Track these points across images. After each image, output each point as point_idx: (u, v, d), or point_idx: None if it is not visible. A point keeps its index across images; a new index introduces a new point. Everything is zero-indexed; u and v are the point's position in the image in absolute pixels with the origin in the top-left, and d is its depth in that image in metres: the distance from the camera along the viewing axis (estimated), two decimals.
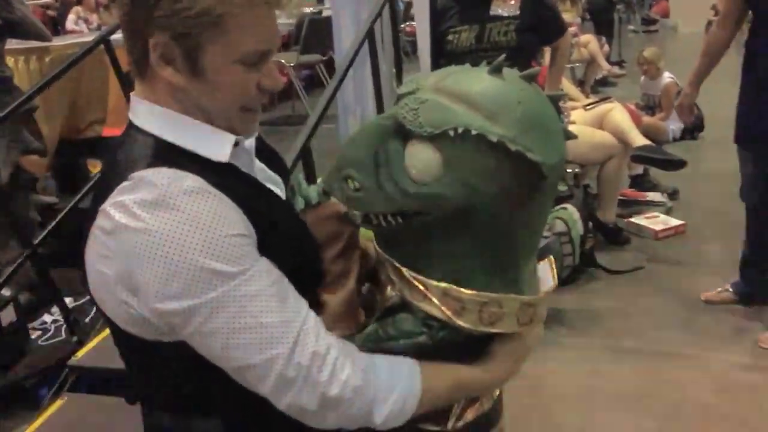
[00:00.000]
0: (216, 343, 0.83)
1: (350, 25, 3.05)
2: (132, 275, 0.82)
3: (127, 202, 0.82)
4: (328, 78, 6.67)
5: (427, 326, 0.90)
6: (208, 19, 0.82)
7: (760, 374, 2.41)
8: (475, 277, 0.88)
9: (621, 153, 3.44)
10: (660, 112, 5.38)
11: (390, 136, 0.84)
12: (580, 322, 2.85)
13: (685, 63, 7.82)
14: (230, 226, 0.83)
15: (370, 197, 0.86)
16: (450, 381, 0.94)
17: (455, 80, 0.85)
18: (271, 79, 0.90)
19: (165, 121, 0.89)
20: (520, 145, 0.79)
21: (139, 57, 0.87)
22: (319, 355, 0.84)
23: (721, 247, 3.36)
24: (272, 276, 0.86)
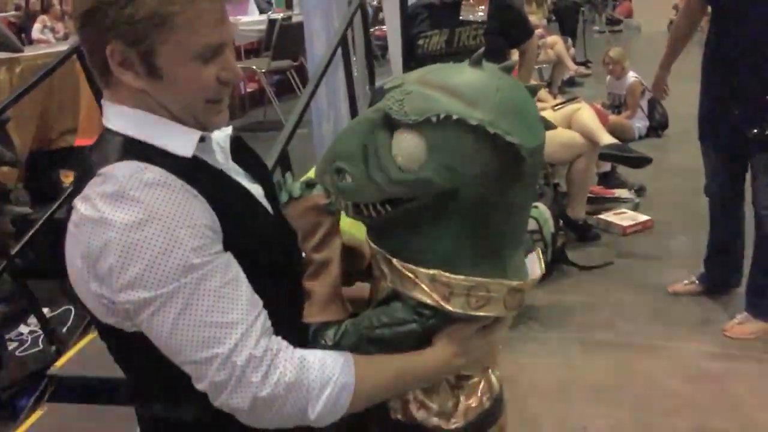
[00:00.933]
0: (161, 334, 0.86)
1: (321, 30, 3.09)
2: (96, 265, 0.85)
3: (91, 195, 0.86)
4: (300, 83, 6.71)
5: (418, 314, 0.94)
6: (154, 22, 0.86)
7: (725, 362, 2.49)
8: (463, 263, 0.91)
9: (589, 152, 3.52)
10: (626, 110, 5.52)
11: (378, 129, 0.89)
12: (553, 316, 2.92)
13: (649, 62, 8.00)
14: (190, 218, 0.86)
15: (360, 187, 0.90)
16: (389, 371, 0.96)
17: (438, 74, 0.90)
18: (229, 70, 0.93)
19: (133, 121, 0.93)
20: (499, 128, 0.83)
21: (100, 67, 0.91)
22: (255, 357, 0.87)
23: (687, 241, 3.46)
24: (228, 275, 0.88)
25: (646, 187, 4.31)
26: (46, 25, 8.08)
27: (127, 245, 0.83)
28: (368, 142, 0.90)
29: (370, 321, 0.97)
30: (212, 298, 0.86)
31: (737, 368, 2.45)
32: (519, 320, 2.89)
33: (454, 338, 0.97)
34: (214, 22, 0.90)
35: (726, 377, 2.41)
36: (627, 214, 3.88)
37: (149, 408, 1.01)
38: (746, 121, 2.43)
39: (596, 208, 3.97)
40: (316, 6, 3.05)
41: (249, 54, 6.80)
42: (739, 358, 2.50)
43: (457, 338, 0.97)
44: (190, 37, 0.88)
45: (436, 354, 0.97)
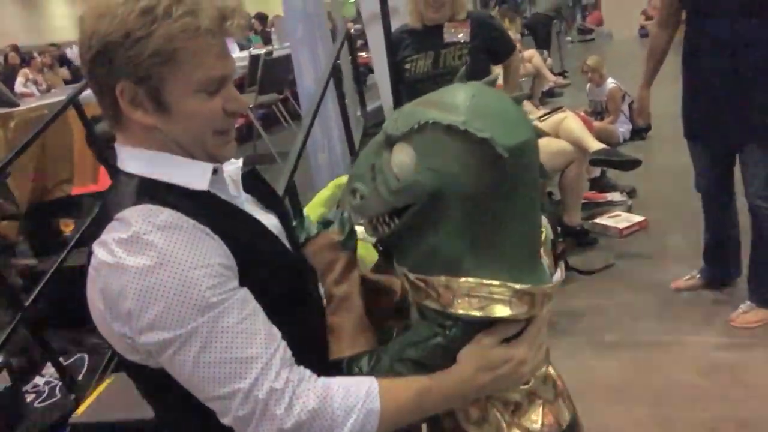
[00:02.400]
0: (183, 373, 0.89)
1: (309, 62, 3.16)
2: (116, 307, 0.88)
3: (107, 241, 0.89)
4: (287, 115, 6.79)
5: (440, 326, 0.96)
6: (161, 58, 0.89)
7: (736, 352, 2.54)
8: (466, 266, 0.94)
9: (579, 158, 3.58)
10: (608, 116, 5.63)
11: (382, 148, 0.97)
12: (562, 322, 2.95)
13: (624, 67, 8.19)
14: (203, 258, 0.88)
15: (369, 203, 0.97)
16: (412, 392, 0.95)
17: (431, 95, 0.98)
18: (235, 101, 0.97)
19: (146, 160, 0.96)
20: (471, 127, 0.88)
21: (110, 107, 0.94)
22: (276, 390, 0.88)
23: (683, 237, 3.53)
24: (246, 310, 0.90)
25: (636, 188, 4.38)
26: (28, 78, 8.13)
27: (143, 289, 0.85)
28: (375, 162, 0.97)
29: (400, 344, 1.00)
30: (231, 335, 0.88)
31: (747, 357, 2.49)
32: None
33: (475, 352, 0.96)
34: (216, 56, 0.93)
35: (738, 366, 2.45)
36: (621, 216, 3.94)
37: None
38: (731, 117, 2.51)
39: (591, 213, 4.04)
40: (302, 39, 3.13)
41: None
42: (748, 347, 2.55)
43: (477, 352, 0.96)
44: (195, 71, 0.92)
45: (459, 370, 0.96)
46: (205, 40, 0.91)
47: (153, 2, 0.89)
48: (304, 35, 3.12)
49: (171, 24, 0.89)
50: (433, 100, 0.95)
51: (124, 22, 0.88)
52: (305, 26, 3.17)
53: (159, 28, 0.88)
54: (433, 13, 2.86)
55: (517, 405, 1.05)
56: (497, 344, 0.96)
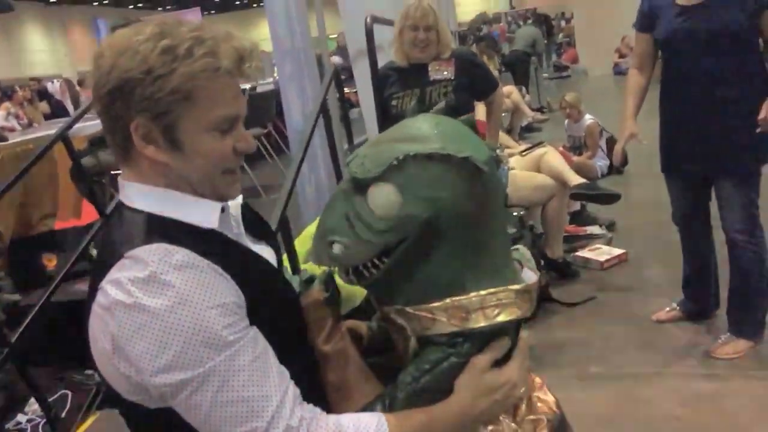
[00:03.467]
0: (200, 414, 0.88)
1: (297, 98, 3.22)
2: (125, 349, 0.87)
3: (122, 280, 0.87)
4: (270, 149, 6.84)
5: (451, 345, 0.99)
6: (180, 96, 0.91)
7: (718, 382, 2.58)
8: (467, 283, 0.98)
9: (560, 192, 3.66)
10: (587, 151, 5.76)
11: (352, 196, 0.99)
12: (546, 354, 2.99)
13: (599, 103, 8.39)
14: (218, 297, 0.88)
15: (354, 251, 0.98)
16: (417, 422, 0.97)
17: (384, 135, 1.04)
18: (245, 141, 0.99)
19: (154, 197, 0.96)
20: (451, 150, 0.94)
21: (121, 141, 0.95)
22: (292, 428, 0.89)
23: (663, 269, 3.60)
24: (258, 348, 0.91)
25: (615, 221, 4.47)
26: (10, 112, 8.10)
27: (162, 329, 0.85)
28: (348, 211, 0.98)
29: (411, 376, 1.00)
30: (247, 373, 0.88)
31: (729, 387, 2.54)
32: None
33: (471, 380, 0.99)
34: (233, 96, 0.96)
35: (720, 397, 2.50)
36: (602, 249, 4.01)
37: None
38: (706, 151, 2.60)
39: (572, 246, 4.10)
40: (291, 75, 3.19)
41: None
42: (729, 377, 2.60)
43: (473, 380, 0.99)
44: (211, 111, 0.93)
45: (458, 399, 0.99)
46: (224, 80, 0.93)
47: (175, 42, 0.90)
48: (292, 71, 3.19)
49: (192, 63, 0.90)
50: (395, 136, 1.00)
51: (145, 60, 0.89)
52: (293, 63, 3.24)
53: (180, 67, 0.90)
54: (419, 53, 2.94)
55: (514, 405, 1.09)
56: (489, 369, 1.00)
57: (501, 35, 13.31)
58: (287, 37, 3.46)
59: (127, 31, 0.94)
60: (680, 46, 2.52)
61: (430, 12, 2.93)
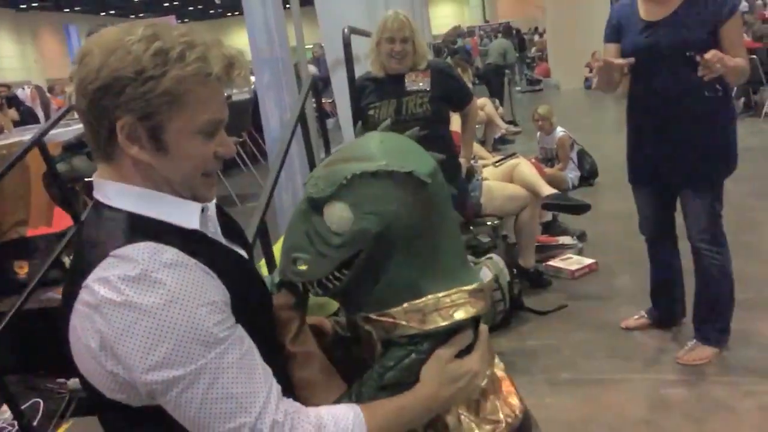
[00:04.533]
0: (189, 411, 0.89)
1: (274, 107, 3.25)
2: (115, 347, 0.87)
3: (111, 278, 0.87)
4: (245, 158, 6.83)
5: (412, 344, 1.05)
6: (169, 98, 0.92)
7: (684, 388, 2.66)
8: (422, 287, 1.06)
9: (532, 203, 3.73)
10: (558, 163, 5.87)
11: (310, 214, 1.05)
12: (519, 361, 3.05)
13: (570, 116, 8.53)
14: (208, 295, 0.90)
15: (316, 265, 1.05)
16: (389, 414, 1.02)
17: (334, 155, 1.10)
18: (226, 146, 1.01)
19: (135, 196, 0.96)
20: (394, 166, 1.01)
21: (105, 140, 0.95)
22: (278, 422, 0.92)
23: (631, 279, 3.69)
24: (244, 345, 0.93)
25: (586, 232, 4.57)
26: None
27: (154, 327, 0.86)
28: (307, 228, 1.05)
29: (377, 372, 1.07)
30: (235, 370, 0.90)
31: (694, 392, 2.61)
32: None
33: (436, 370, 1.05)
34: (219, 102, 0.98)
35: (685, 402, 2.57)
36: (573, 258, 4.10)
37: None
38: (671, 162, 2.68)
39: (544, 256, 4.18)
40: (269, 84, 3.22)
41: None
42: (695, 383, 2.67)
43: (438, 369, 1.05)
44: (199, 115, 0.94)
45: (424, 387, 1.05)
46: (213, 86, 0.95)
47: (168, 45, 0.91)
48: (270, 80, 3.22)
49: (184, 67, 0.91)
50: (344, 156, 1.06)
51: (138, 60, 0.90)
52: (271, 72, 3.27)
53: (172, 70, 0.91)
54: (396, 64, 2.99)
55: (477, 403, 1.14)
56: (453, 359, 1.06)
57: (473, 48, 13.49)
58: (266, 45, 3.49)
59: (117, 31, 0.94)
60: (644, 61, 2.61)
61: (407, 24, 2.99)
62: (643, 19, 2.62)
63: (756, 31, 9.31)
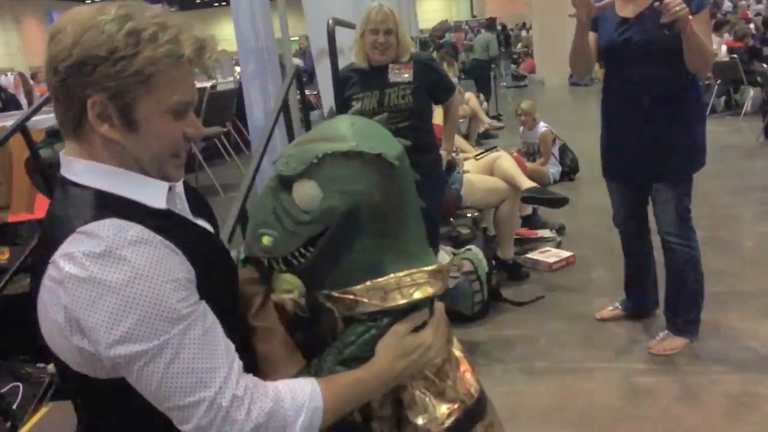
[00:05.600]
0: (151, 384, 0.91)
1: (259, 96, 3.27)
2: (81, 321, 0.89)
3: (75, 254, 0.88)
4: (229, 148, 6.84)
5: (373, 320, 1.09)
6: (140, 78, 0.92)
7: (654, 377, 2.73)
8: (385, 266, 1.09)
9: (512, 196, 3.79)
10: (540, 158, 5.93)
11: (278, 192, 1.08)
12: (495, 350, 3.11)
13: (554, 112, 8.61)
14: (172, 272, 0.91)
15: (282, 242, 1.08)
16: (346, 387, 1.04)
17: (306, 135, 1.14)
18: (194, 127, 1.02)
19: (103, 174, 0.97)
20: (364, 147, 1.05)
21: (74, 117, 0.95)
22: (238, 397, 0.93)
23: (607, 271, 3.77)
24: (207, 322, 0.95)
25: (565, 226, 4.64)
26: None
27: (117, 303, 0.87)
28: (275, 206, 1.07)
29: (337, 348, 1.10)
30: (197, 346, 0.92)
31: (664, 381, 2.69)
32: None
33: (390, 343, 1.08)
34: (189, 84, 0.99)
35: (655, 390, 2.64)
36: (551, 251, 4.16)
37: None
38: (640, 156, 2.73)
39: (523, 249, 4.25)
40: (253, 74, 3.24)
41: None
42: (665, 372, 2.75)
43: (392, 343, 1.08)
44: (169, 96, 0.96)
45: (379, 360, 1.08)
46: (185, 68, 0.97)
47: (140, 25, 0.92)
48: (255, 69, 3.24)
49: (156, 49, 0.93)
50: (315, 137, 1.10)
51: (111, 39, 0.91)
52: (256, 61, 3.29)
53: (144, 51, 0.92)
54: (379, 56, 3.02)
55: (434, 382, 1.18)
56: (408, 334, 1.09)
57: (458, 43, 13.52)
58: (251, 35, 3.51)
59: (89, 9, 0.95)
60: (618, 56, 2.66)
61: (391, 16, 3.01)
62: (617, 14, 2.67)
63: (738, 30, 9.42)
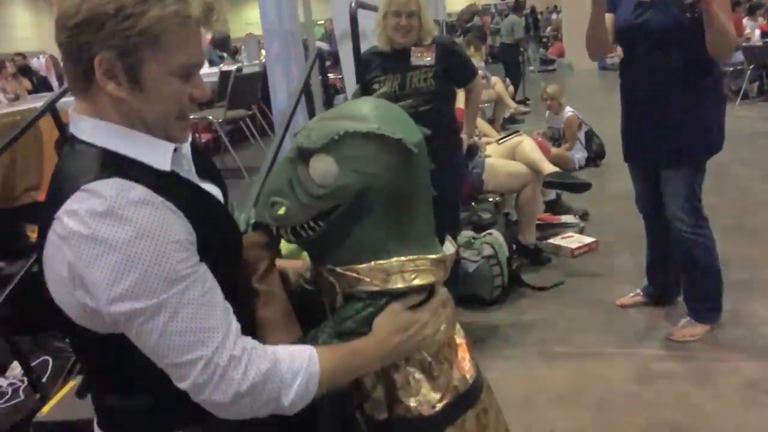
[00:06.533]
0: (149, 341, 0.93)
1: (282, 79, 3.29)
2: (83, 277, 0.91)
3: (79, 211, 0.90)
4: (254, 131, 6.89)
5: (371, 298, 1.11)
6: (148, 37, 0.93)
7: (673, 363, 2.72)
8: (391, 250, 1.10)
9: (534, 181, 3.77)
10: (565, 143, 5.88)
11: (296, 163, 1.10)
12: (514, 334, 3.12)
13: (582, 98, 8.51)
14: (173, 233, 0.92)
15: (293, 212, 1.10)
16: (343, 357, 1.06)
17: (331, 111, 1.15)
18: (201, 89, 1.02)
19: (109, 133, 0.98)
20: (385, 131, 1.06)
21: (82, 75, 0.96)
22: (235, 357, 0.95)
23: (631, 258, 3.74)
24: (207, 284, 0.96)
25: (589, 212, 4.61)
26: None
27: (118, 261, 0.89)
28: (291, 176, 1.09)
29: (335, 321, 1.13)
30: (196, 306, 0.94)
31: (683, 367, 2.68)
32: (484, 340, 3.08)
33: (387, 318, 1.11)
34: (196, 45, 0.99)
35: (674, 376, 2.63)
36: (574, 237, 4.14)
37: (106, 399, 1.09)
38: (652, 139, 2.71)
39: (545, 234, 4.22)
40: (277, 56, 3.26)
41: (202, 105, 6.96)
42: (684, 359, 2.73)
43: (389, 318, 1.11)
44: (176, 57, 0.96)
45: (376, 333, 1.10)
46: (192, 28, 0.97)
47: None
48: (279, 52, 3.27)
49: (164, 8, 0.93)
50: (339, 114, 1.11)
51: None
52: (281, 44, 3.31)
53: (151, 10, 0.92)
54: (401, 38, 3.02)
55: (430, 365, 1.19)
56: (405, 311, 1.12)
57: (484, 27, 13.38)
58: (276, 18, 3.53)
59: None
60: (634, 38, 2.63)
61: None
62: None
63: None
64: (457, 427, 1.19)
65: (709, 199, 2.69)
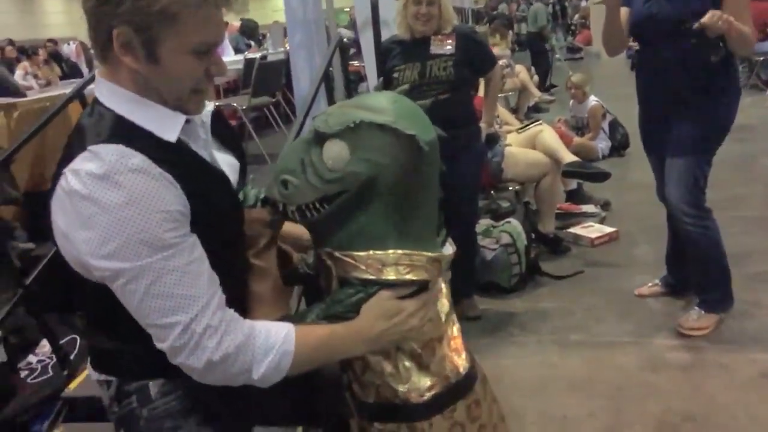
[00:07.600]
0: (132, 300, 0.99)
1: (305, 66, 3.34)
2: (78, 231, 0.97)
3: (81, 172, 0.96)
4: (278, 119, 6.96)
5: (363, 285, 1.15)
6: (165, 16, 0.96)
7: (688, 353, 2.72)
8: (389, 241, 1.14)
9: (553, 170, 3.77)
10: (588, 132, 5.84)
11: (311, 145, 1.14)
12: (530, 322, 3.15)
13: (609, 87, 8.42)
14: (164, 203, 0.97)
15: (301, 191, 1.13)
16: (322, 338, 1.10)
17: (351, 100, 1.19)
18: (218, 66, 1.06)
19: (124, 99, 1.03)
20: (399, 125, 1.09)
21: (102, 45, 1.01)
22: (211, 326, 1.00)
23: (650, 249, 3.72)
24: (194, 254, 1.01)
25: (610, 201, 4.59)
26: (27, 72, 8.24)
27: (109, 222, 0.95)
28: (304, 157, 1.13)
29: (325, 303, 1.17)
30: (179, 274, 0.99)
31: (698, 358, 2.68)
32: (500, 326, 3.11)
33: (374, 305, 1.13)
34: (215, 24, 1.03)
35: (688, 366, 2.64)
36: (594, 227, 4.13)
37: (99, 340, 1.16)
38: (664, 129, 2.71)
39: (565, 223, 4.22)
40: (300, 44, 3.30)
41: (227, 92, 7.05)
42: (700, 349, 2.73)
43: (376, 304, 1.13)
44: (193, 36, 1.00)
45: (360, 318, 1.13)
46: (210, 9, 1.01)
47: None
48: (302, 40, 3.31)
49: None
50: (358, 104, 1.15)
51: None
52: (304, 32, 3.35)
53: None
54: (421, 26, 3.03)
55: (420, 355, 1.22)
56: (392, 299, 1.14)
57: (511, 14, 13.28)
58: (299, 6, 3.57)
59: None
60: (647, 31, 2.63)
61: None
62: None
63: None
64: (446, 416, 1.22)
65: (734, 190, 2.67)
